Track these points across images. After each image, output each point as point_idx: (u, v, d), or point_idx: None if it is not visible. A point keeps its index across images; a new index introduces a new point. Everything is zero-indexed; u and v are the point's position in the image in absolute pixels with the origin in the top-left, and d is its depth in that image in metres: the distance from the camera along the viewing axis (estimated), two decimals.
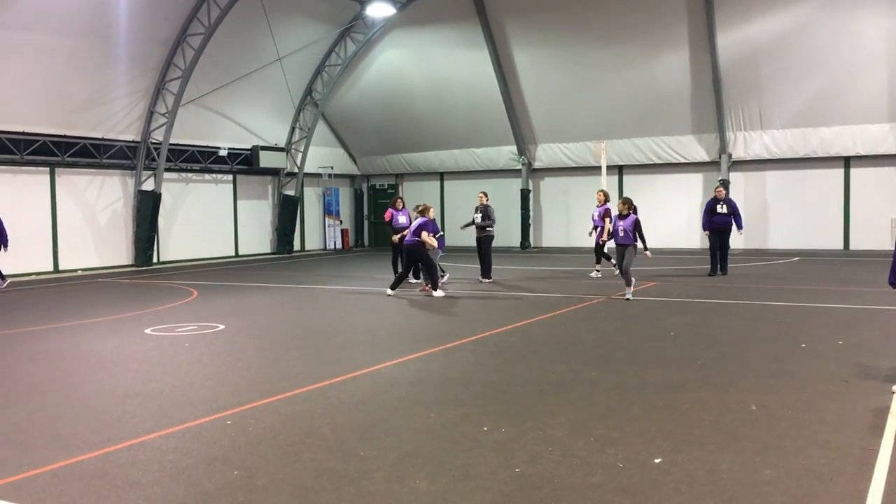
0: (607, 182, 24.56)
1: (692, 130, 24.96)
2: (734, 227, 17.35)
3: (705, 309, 12.28)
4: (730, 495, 4.60)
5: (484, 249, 16.80)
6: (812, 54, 22.14)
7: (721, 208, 17.25)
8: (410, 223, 17.58)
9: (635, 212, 13.64)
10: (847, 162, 23.45)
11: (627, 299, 13.18)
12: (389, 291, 14.74)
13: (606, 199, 17.33)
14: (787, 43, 22.24)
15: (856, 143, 22.86)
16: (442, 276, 15.81)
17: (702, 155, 25.00)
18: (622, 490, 4.70)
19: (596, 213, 17.41)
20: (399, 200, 17.86)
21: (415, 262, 15.18)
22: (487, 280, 16.62)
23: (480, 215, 16.86)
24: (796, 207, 24.17)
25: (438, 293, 14.37)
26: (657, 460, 5.20)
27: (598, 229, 17.21)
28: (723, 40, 22.82)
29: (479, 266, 17.01)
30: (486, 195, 17.32)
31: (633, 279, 13.63)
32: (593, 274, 17.31)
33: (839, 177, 23.67)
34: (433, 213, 15.56)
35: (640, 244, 13.44)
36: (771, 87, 23.20)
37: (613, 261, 16.82)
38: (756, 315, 11.51)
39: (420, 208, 15.17)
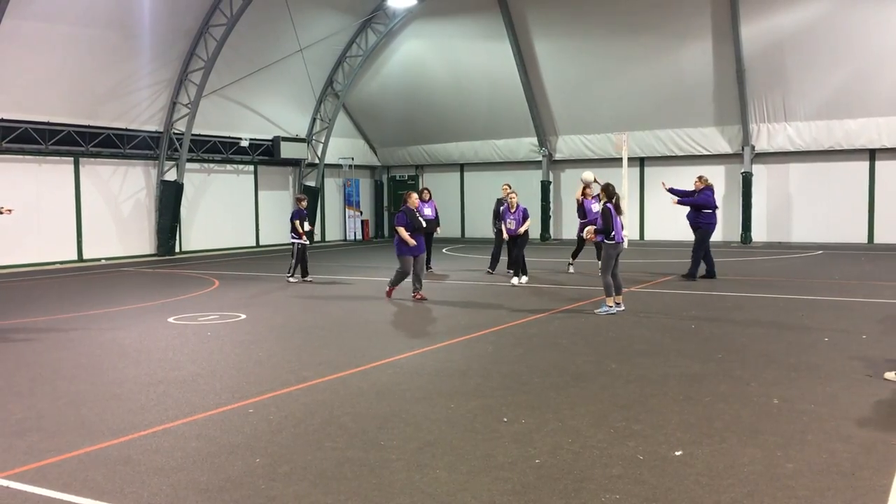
0: (629, 174, 24.46)
1: (715, 122, 24.75)
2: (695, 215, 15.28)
3: (726, 302, 12.20)
4: (751, 489, 4.58)
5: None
6: (837, 45, 21.86)
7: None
8: (436, 215, 17.57)
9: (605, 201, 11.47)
10: (872, 154, 23.17)
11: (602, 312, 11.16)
12: (515, 281, 14.77)
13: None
14: (811, 34, 21.98)
15: (881, 135, 22.57)
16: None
17: (724, 147, 24.80)
18: (642, 482, 4.70)
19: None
20: (426, 191, 17.74)
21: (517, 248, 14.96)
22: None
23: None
24: (820, 200, 23.92)
25: (523, 280, 14.69)
26: (678, 453, 5.19)
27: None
28: (747, 31, 22.59)
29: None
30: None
31: (611, 289, 11.21)
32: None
33: (864, 169, 23.39)
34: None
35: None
36: (795, 78, 22.94)
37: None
38: (778, 308, 11.42)
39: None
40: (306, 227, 15.92)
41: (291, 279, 15.77)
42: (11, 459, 5.25)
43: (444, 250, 23.61)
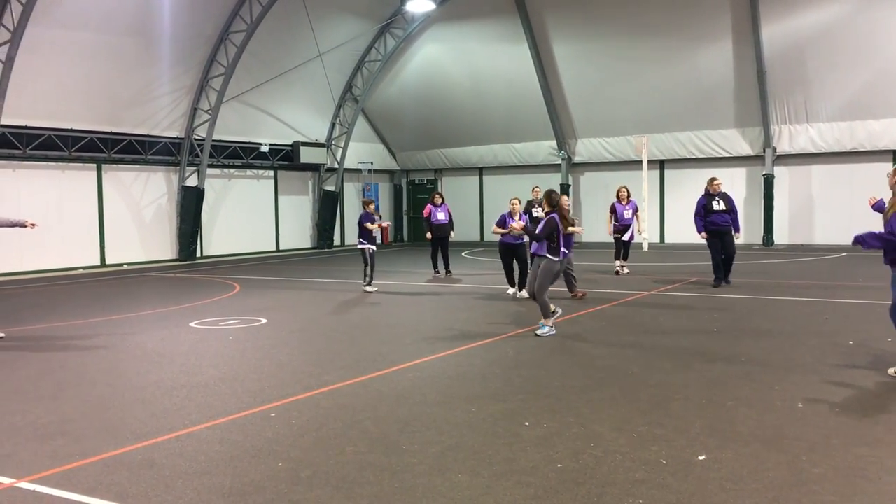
0: (648, 177, 24.35)
1: (735, 124, 24.58)
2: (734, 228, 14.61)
3: (749, 305, 12.10)
4: (776, 494, 4.53)
5: None
6: (859, 45, 21.64)
7: (718, 205, 14.33)
8: (450, 219, 17.61)
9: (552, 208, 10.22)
10: (895, 155, 22.93)
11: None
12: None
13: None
14: (833, 34, 21.78)
15: None
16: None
17: (745, 149, 24.62)
18: (665, 487, 4.67)
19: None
20: (438, 196, 17.94)
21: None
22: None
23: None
24: (843, 202, 23.65)
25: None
26: (701, 457, 5.15)
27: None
28: (767, 32, 22.43)
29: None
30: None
31: (549, 307, 9.76)
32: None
33: (887, 170, 23.09)
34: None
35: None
36: (817, 79, 22.74)
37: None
38: (802, 311, 11.32)
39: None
40: (375, 230, 14.99)
41: (368, 288, 14.62)
42: (37, 463, 5.31)
43: (462, 254, 23.62)
